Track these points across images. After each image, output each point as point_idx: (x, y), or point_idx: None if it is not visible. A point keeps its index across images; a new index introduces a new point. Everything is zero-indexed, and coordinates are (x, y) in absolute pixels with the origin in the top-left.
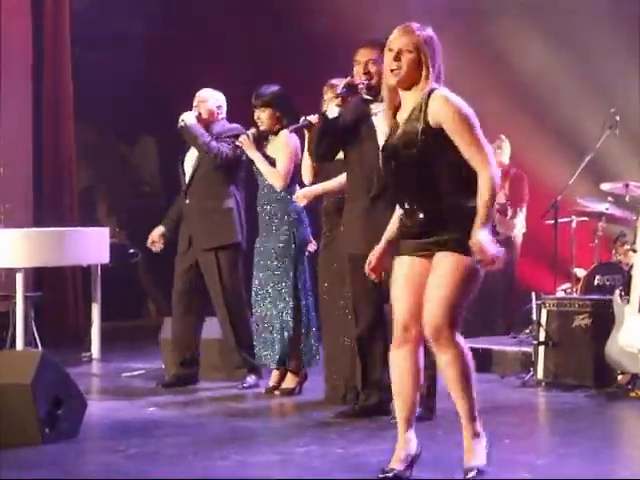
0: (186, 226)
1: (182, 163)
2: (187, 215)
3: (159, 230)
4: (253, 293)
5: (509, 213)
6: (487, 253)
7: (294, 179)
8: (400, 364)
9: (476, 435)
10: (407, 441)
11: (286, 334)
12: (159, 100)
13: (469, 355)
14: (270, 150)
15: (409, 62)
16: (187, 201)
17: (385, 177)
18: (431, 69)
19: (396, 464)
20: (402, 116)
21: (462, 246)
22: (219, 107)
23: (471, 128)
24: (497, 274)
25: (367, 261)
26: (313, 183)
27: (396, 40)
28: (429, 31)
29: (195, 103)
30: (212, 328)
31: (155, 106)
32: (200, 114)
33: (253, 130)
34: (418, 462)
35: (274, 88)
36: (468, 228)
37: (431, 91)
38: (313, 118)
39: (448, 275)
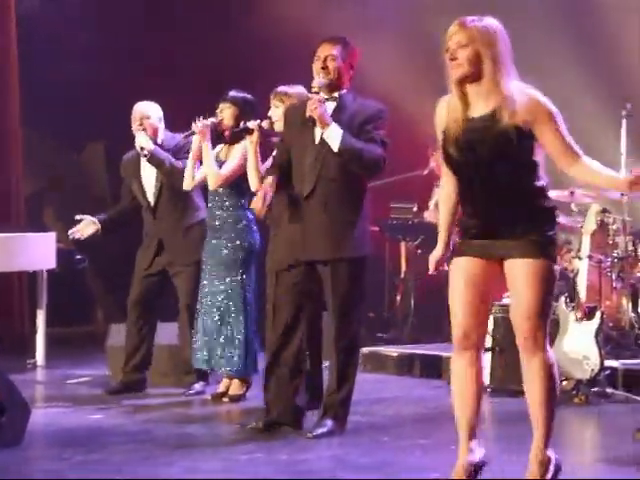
0: (155, 243)
1: (139, 180)
2: (157, 232)
3: (89, 220)
4: (199, 300)
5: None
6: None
7: (241, 186)
8: (461, 372)
9: (543, 462)
10: (470, 451)
11: (223, 341)
12: (107, 104)
13: (556, 365)
14: (222, 154)
15: (467, 58)
16: (155, 220)
17: (455, 173)
18: (496, 61)
19: (458, 474)
20: (476, 111)
21: (540, 250)
22: (160, 120)
23: (565, 131)
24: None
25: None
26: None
27: (449, 40)
28: (486, 22)
29: (138, 119)
30: (161, 334)
31: (103, 111)
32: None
33: (213, 119)
34: (480, 472)
35: (247, 94)
36: (544, 230)
37: (518, 89)
38: (252, 124)
39: (534, 282)
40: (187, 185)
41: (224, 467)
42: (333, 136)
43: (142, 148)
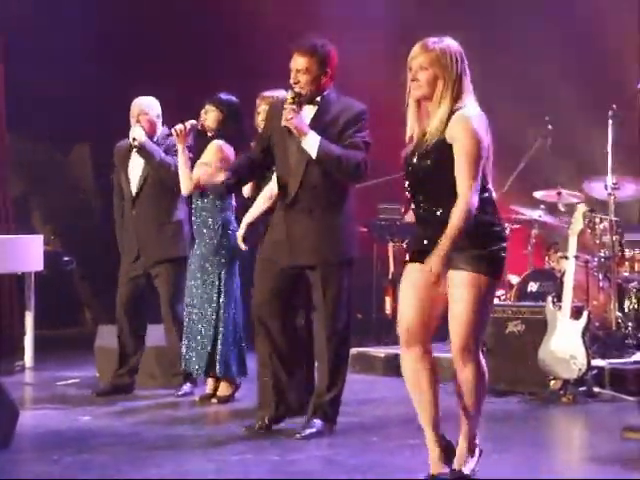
0: (134, 237)
1: (125, 169)
2: (135, 226)
3: None
4: (187, 303)
5: None
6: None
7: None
8: (410, 368)
9: (472, 449)
10: (438, 441)
11: (208, 343)
12: (94, 106)
13: (486, 375)
14: (202, 157)
15: (426, 80)
16: (134, 212)
17: (408, 185)
18: (449, 84)
19: (437, 468)
20: (429, 126)
21: (479, 264)
22: (158, 116)
23: (470, 157)
24: None
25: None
26: (251, 196)
27: (412, 60)
28: (445, 44)
29: (136, 115)
30: (150, 335)
31: (89, 113)
32: (142, 127)
33: (193, 121)
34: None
35: (234, 98)
36: (485, 244)
37: (458, 109)
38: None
39: (469, 295)
40: (186, 189)
41: (214, 468)
42: (311, 144)
43: (134, 139)
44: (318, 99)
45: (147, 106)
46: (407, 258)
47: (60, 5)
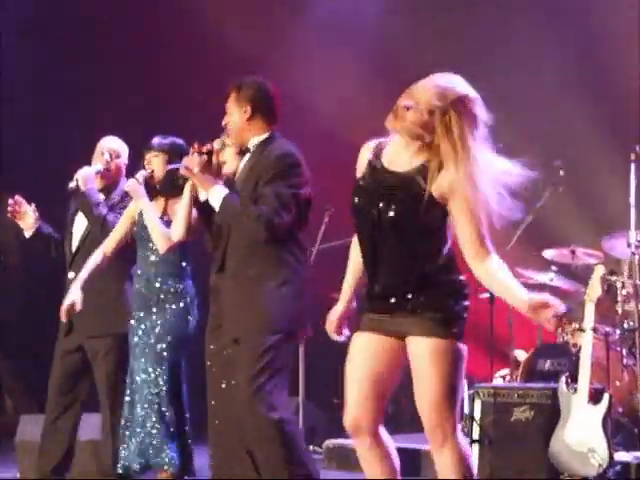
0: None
1: (71, 223)
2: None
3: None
4: (127, 386)
5: None
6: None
7: (184, 247)
8: (364, 456)
9: None
10: None
11: (152, 435)
12: (22, 155)
13: (469, 459)
14: (159, 211)
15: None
16: (71, 274)
17: (356, 230)
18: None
19: None
20: (399, 165)
21: (444, 327)
22: (125, 163)
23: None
24: None
25: (327, 323)
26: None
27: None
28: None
29: (101, 155)
30: (84, 427)
31: (18, 160)
32: (106, 170)
33: (144, 172)
34: None
35: (175, 139)
36: (448, 304)
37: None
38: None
39: (438, 366)
40: (180, 235)
41: None
42: (215, 200)
43: (77, 180)
44: (251, 146)
45: (119, 148)
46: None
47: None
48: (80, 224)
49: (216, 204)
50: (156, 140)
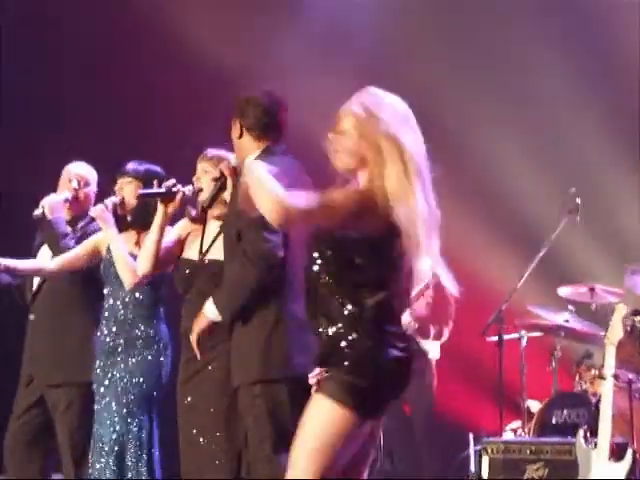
0: (29, 350)
1: (34, 257)
2: (31, 336)
3: None
4: (93, 442)
5: (432, 332)
6: None
7: (160, 281)
8: None
9: None
10: None
11: None
12: None
13: None
14: (129, 243)
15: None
16: (31, 316)
17: None
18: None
19: None
20: None
21: (339, 392)
22: (95, 192)
23: None
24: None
25: None
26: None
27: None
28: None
29: (69, 182)
30: None
31: None
32: (74, 199)
33: (114, 198)
34: None
35: (152, 166)
36: (350, 369)
37: None
38: (172, 185)
39: (313, 420)
40: (145, 268)
41: None
42: (210, 312)
43: (43, 207)
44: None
45: (88, 175)
46: None
47: None
48: (44, 258)
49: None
50: (131, 165)
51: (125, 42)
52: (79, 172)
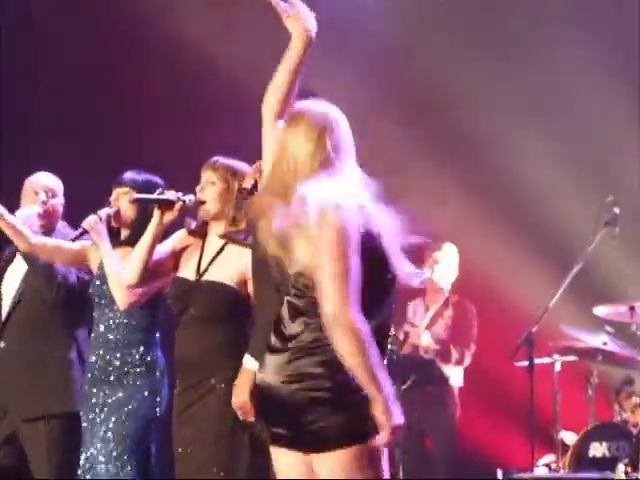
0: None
1: (3, 272)
2: (2, 365)
3: None
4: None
5: (454, 355)
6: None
7: (157, 302)
8: None
9: None
10: None
11: None
12: None
13: None
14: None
15: None
16: (2, 344)
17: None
18: None
19: None
20: None
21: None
22: (62, 204)
23: None
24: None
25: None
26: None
27: None
28: None
29: (33, 194)
30: None
31: None
32: (44, 212)
33: (108, 210)
34: None
35: (152, 176)
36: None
37: None
38: (172, 195)
39: None
40: (132, 279)
41: None
42: None
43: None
44: None
45: (55, 186)
46: None
47: None
48: (12, 279)
49: None
50: (128, 174)
51: (121, 45)
52: (45, 183)
